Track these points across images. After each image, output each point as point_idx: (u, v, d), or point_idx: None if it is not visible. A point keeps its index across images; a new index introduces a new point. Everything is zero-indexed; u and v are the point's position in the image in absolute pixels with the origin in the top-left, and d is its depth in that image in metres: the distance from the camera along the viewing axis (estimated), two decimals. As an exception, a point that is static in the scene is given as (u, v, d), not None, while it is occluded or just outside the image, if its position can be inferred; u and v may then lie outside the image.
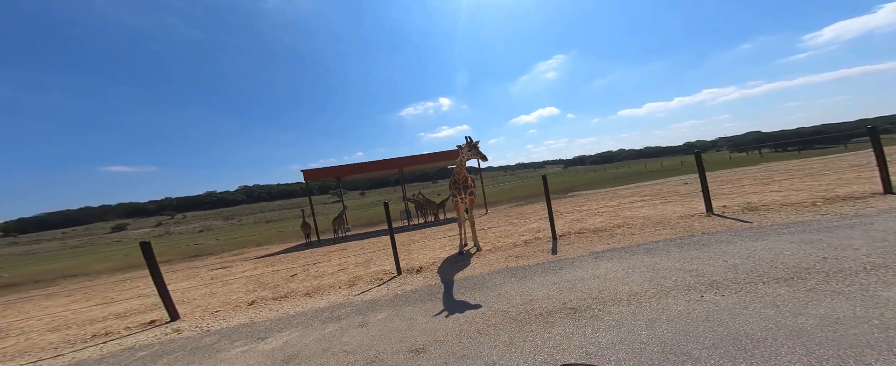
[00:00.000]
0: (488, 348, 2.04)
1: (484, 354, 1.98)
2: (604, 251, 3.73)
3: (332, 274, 5.12)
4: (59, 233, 69.49)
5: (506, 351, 1.97)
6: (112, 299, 5.60)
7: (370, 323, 2.86)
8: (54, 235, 66.73)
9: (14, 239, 65.52)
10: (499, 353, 1.97)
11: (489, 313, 2.58)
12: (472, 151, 4.65)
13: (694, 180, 12.21)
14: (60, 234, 67.70)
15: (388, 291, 3.73)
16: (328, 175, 12.95)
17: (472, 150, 4.66)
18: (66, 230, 74.06)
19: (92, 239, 55.70)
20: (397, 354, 2.19)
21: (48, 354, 3.12)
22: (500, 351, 1.98)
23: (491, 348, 2.04)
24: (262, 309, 3.70)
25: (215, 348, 2.73)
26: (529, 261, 3.94)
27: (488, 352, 2.00)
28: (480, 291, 3.15)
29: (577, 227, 5.57)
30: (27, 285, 11.51)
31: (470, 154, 4.67)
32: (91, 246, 42.09)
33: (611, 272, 3.00)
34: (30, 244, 55.41)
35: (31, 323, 4.50)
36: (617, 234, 4.51)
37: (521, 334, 2.15)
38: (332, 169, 12.73)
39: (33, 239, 62.42)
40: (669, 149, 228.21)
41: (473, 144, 4.66)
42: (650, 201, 7.58)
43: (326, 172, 12.74)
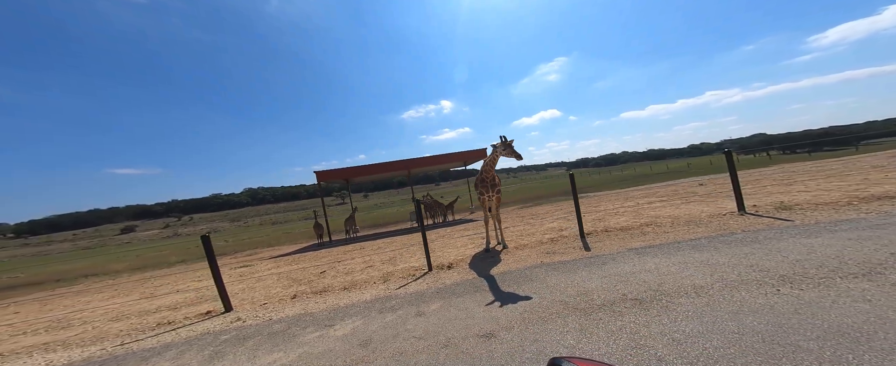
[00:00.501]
0: (560, 334, 2.12)
1: (558, 338, 2.06)
2: (643, 248, 3.78)
3: (361, 271, 5.21)
4: (70, 234, 70.64)
5: (581, 336, 2.05)
6: (151, 294, 5.75)
7: (426, 313, 2.95)
8: (65, 236, 67.87)
9: (26, 240, 66.66)
10: (574, 337, 2.04)
11: (545, 303, 2.66)
12: (506, 150, 4.73)
13: (709, 181, 12.20)
14: (71, 235, 68.84)
15: (427, 285, 3.81)
16: (340, 176, 13.14)
17: (506, 149, 4.73)
18: (77, 232, 75.23)
19: (102, 240, 56.51)
20: (467, 338, 2.28)
21: (128, 338, 3.26)
22: (575, 336, 2.06)
23: (564, 334, 2.11)
24: (307, 302, 3.80)
25: (289, 333, 2.84)
26: (564, 257, 4.01)
27: (562, 337, 2.08)
28: (526, 283, 3.22)
29: (601, 226, 5.62)
30: (49, 283, 11.77)
31: (504, 153, 4.75)
32: (102, 247, 42.73)
33: (662, 267, 3.04)
34: (41, 245, 56.34)
35: (84, 315, 4.65)
36: (648, 232, 4.56)
37: (589, 321, 2.22)
38: (344, 170, 12.92)
39: (44, 240, 63.49)
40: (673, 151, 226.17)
41: (509, 144, 4.74)
42: (670, 202, 7.61)
43: (338, 174, 12.94)
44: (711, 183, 11.22)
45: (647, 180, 21.17)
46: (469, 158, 14.45)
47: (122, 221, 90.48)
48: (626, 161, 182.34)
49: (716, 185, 10.33)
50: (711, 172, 21.29)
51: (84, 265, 17.85)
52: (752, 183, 8.67)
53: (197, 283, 6.39)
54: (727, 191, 7.89)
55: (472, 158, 14.35)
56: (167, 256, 16.48)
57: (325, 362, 2.26)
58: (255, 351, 2.55)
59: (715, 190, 8.68)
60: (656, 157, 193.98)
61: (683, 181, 15.45)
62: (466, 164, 16.03)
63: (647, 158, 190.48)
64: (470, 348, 2.13)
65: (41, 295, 8.31)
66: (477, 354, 2.05)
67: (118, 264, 15.42)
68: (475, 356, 2.02)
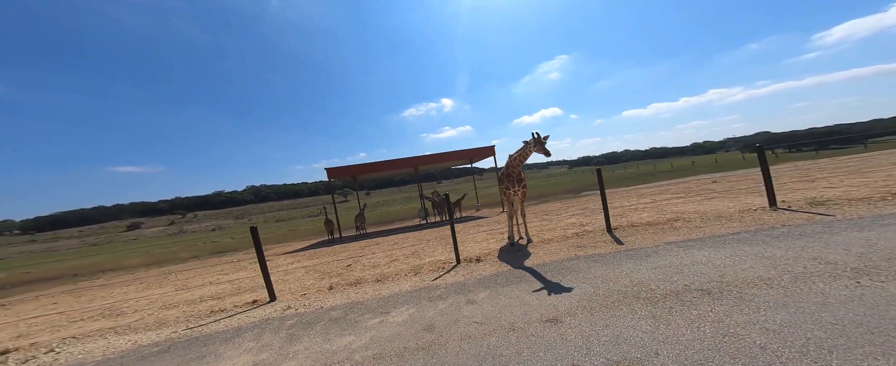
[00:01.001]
0: (632, 320, 2.16)
1: (631, 324, 2.11)
2: (682, 242, 3.81)
3: (386, 265, 5.29)
4: (76, 231, 71.36)
5: (657, 323, 2.08)
6: (184, 286, 5.85)
7: (477, 301, 3.02)
8: (72, 233, 68.58)
9: (33, 237, 67.34)
10: (649, 324, 2.09)
11: (601, 292, 2.71)
12: (537, 146, 4.78)
13: (722, 178, 12.20)
14: (77, 232, 69.57)
15: (463, 276, 3.89)
16: (350, 173, 13.26)
17: (537, 145, 4.78)
18: (83, 229, 75.99)
19: (109, 237, 57.07)
20: (532, 323, 2.35)
21: (192, 323, 3.36)
22: (649, 323, 2.10)
23: (636, 320, 2.15)
24: (347, 292, 3.89)
25: (349, 319, 2.93)
26: (597, 250, 4.06)
27: (635, 323, 2.12)
28: (569, 274, 3.28)
29: (624, 221, 5.67)
30: (66, 278, 11.94)
31: (536, 149, 4.81)
32: (109, 244, 43.18)
33: (714, 260, 3.03)
34: (48, 242, 56.95)
35: (130, 304, 4.76)
36: (678, 227, 4.59)
37: (659, 310, 2.25)
38: (354, 167, 13.04)
39: (51, 237, 64.17)
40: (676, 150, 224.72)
41: (542, 140, 4.78)
42: (688, 198, 7.63)
43: (348, 170, 13.05)
44: (725, 180, 11.22)
45: (653, 178, 21.16)
46: (475, 156, 14.54)
47: (128, 218, 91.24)
48: (628, 159, 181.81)
49: (730, 182, 10.34)
50: (718, 170, 21.27)
51: (97, 261, 18.05)
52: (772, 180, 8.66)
53: (225, 276, 6.49)
54: (747, 187, 7.91)
55: (478, 155, 14.43)
56: (178, 252, 16.64)
57: (398, 344, 2.34)
58: (326, 334, 2.65)
59: (732, 187, 8.69)
60: (659, 155, 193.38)
61: (693, 179, 15.46)
62: (472, 161, 16.10)
63: (649, 157, 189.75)
64: (539, 332, 2.20)
65: (66, 288, 8.45)
66: (548, 337, 2.12)
67: (132, 260, 15.59)
68: (548, 340, 2.09)
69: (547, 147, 4.79)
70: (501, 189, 5.30)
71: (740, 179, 11.19)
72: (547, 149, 4.80)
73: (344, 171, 13.00)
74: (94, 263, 17.16)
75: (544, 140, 4.80)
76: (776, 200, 4.83)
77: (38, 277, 13.77)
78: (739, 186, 8.57)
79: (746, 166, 22.52)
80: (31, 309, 5.82)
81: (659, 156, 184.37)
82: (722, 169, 22.61)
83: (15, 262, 29.42)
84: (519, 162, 4.98)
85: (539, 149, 4.79)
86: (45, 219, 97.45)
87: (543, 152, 4.81)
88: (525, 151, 4.86)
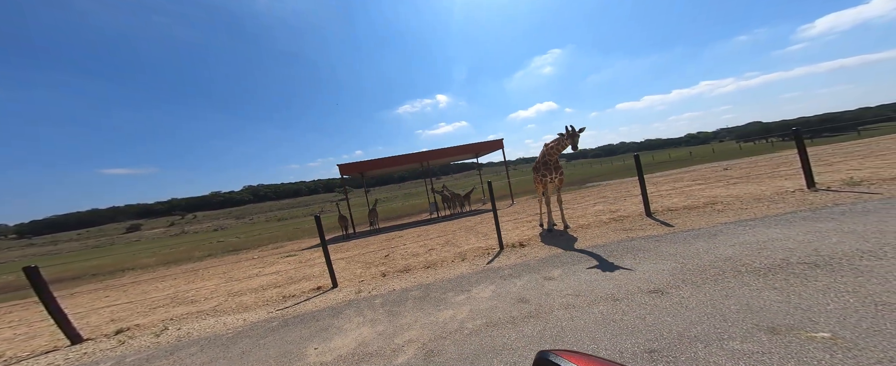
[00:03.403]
0: (751, 291, 2.13)
1: (755, 295, 2.08)
2: (739, 222, 3.82)
3: (425, 253, 5.40)
4: (75, 234, 70.47)
5: (787, 295, 2.03)
6: (230, 278, 5.95)
7: (555, 278, 3.16)
8: (70, 236, 67.71)
9: (30, 241, 66.34)
10: (778, 295, 2.04)
11: (693, 268, 2.70)
12: (571, 138, 4.91)
13: (733, 166, 12.46)
14: (76, 235, 68.69)
15: (520, 259, 3.99)
16: (361, 169, 13.38)
17: (571, 137, 4.90)
18: (82, 232, 75.02)
19: (110, 239, 56.49)
20: (634, 294, 2.44)
21: (279, 306, 3.45)
22: (777, 294, 2.07)
23: (757, 291, 2.13)
24: (405, 278, 3.98)
25: (434, 298, 3.08)
26: (649, 232, 4.17)
27: (759, 293, 2.09)
28: (638, 253, 3.36)
29: (658, 206, 5.82)
30: (86, 277, 11.96)
31: (568, 141, 4.94)
32: (112, 246, 42.79)
33: (794, 236, 3.00)
34: (47, 245, 56.18)
35: (190, 295, 4.87)
36: (721, 210, 4.70)
37: (776, 281, 2.23)
38: (364, 163, 13.16)
39: (50, 240, 63.33)
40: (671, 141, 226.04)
41: (576, 133, 4.89)
42: (710, 184, 7.82)
43: (359, 167, 13.17)
44: (737, 167, 11.47)
45: (656, 168, 21.46)
46: (481, 150, 14.73)
47: (125, 220, 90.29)
48: (624, 152, 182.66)
49: (743, 168, 10.59)
50: (717, 159, 21.61)
51: (111, 261, 17.98)
52: (786, 165, 8.91)
53: (263, 269, 6.58)
54: (766, 172, 8.13)
55: (484, 149, 14.59)
56: (189, 251, 16.64)
57: (501, 313, 2.49)
58: (421, 309, 2.79)
59: (748, 173, 8.91)
60: (654, 147, 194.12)
61: (701, 167, 15.74)
62: (478, 155, 16.29)
63: (645, 148, 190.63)
64: (649, 302, 2.26)
65: (98, 285, 8.49)
66: (664, 306, 2.17)
67: (147, 260, 15.58)
68: (665, 308, 2.13)
69: (578, 140, 4.87)
70: (537, 177, 5.46)
71: (751, 165, 11.43)
72: (576, 142, 4.89)
73: (355, 167, 13.09)
74: (108, 263, 17.11)
75: (579, 133, 4.91)
76: (814, 181, 5.00)
77: (57, 277, 13.74)
78: (756, 171, 8.79)
79: (744, 155, 22.85)
80: (90, 301, 5.88)
81: (655, 147, 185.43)
82: (720, 158, 22.97)
83: (22, 264, 28.91)
84: (556, 152, 5.13)
85: (570, 141, 4.91)
86: (40, 222, 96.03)
87: (572, 144, 4.90)
88: (562, 142, 4.99)
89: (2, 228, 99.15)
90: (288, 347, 2.39)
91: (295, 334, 2.64)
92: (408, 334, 2.34)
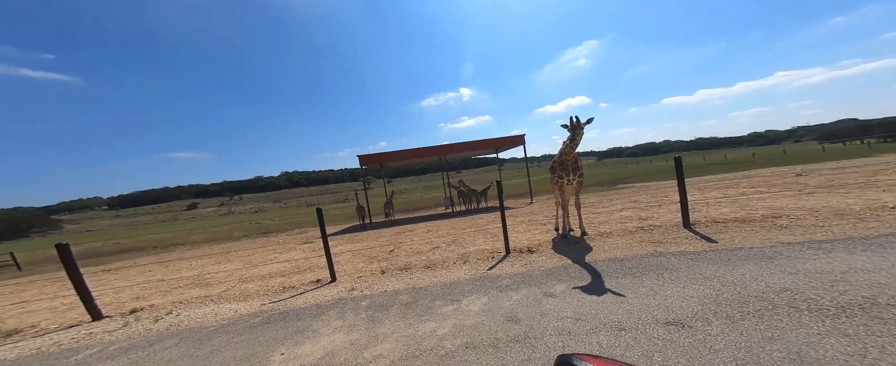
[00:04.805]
0: (808, 336, 1.70)
1: (812, 342, 1.66)
2: (809, 243, 3.11)
3: (430, 252, 5.26)
4: (150, 208, 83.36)
5: (863, 345, 1.60)
6: (249, 263, 6.38)
7: (556, 294, 2.83)
8: (147, 210, 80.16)
9: (117, 212, 79.56)
10: (845, 344, 1.62)
11: (732, 298, 2.25)
12: (571, 130, 4.34)
13: (811, 171, 10.45)
14: (150, 209, 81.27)
15: (524, 267, 3.69)
16: (379, 160, 13.57)
17: (572, 129, 4.33)
18: (155, 206, 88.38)
19: (174, 215, 65.78)
20: (646, 325, 2.07)
21: (275, 297, 3.56)
22: (844, 342, 1.63)
23: (817, 337, 1.69)
24: (402, 277, 3.88)
25: (422, 305, 2.93)
26: (684, 247, 3.60)
27: (819, 341, 1.66)
28: (664, 273, 2.91)
29: (700, 216, 5.04)
30: (148, 249, 13.85)
31: (571, 133, 4.38)
32: (175, 221, 49.74)
33: (887, 267, 2.38)
34: (129, 217, 67.15)
35: (212, 277, 5.32)
36: (786, 225, 3.90)
37: (847, 326, 1.76)
38: (383, 155, 13.28)
39: (131, 213, 75.52)
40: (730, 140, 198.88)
41: (578, 124, 4.32)
42: (776, 193, 6.60)
43: (378, 158, 13.34)
44: (816, 173, 9.61)
45: (705, 171, 18.95)
46: (502, 145, 14.09)
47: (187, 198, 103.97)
48: (668, 151, 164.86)
49: (824, 175, 8.83)
50: (789, 162, 18.40)
51: (170, 236, 20.68)
52: (887, 172, 7.21)
53: (280, 255, 6.96)
54: (857, 181, 6.64)
55: (505, 145, 13.93)
56: (231, 231, 18.42)
57: (486, 334, 2.24)
58: (404, 318, 2.64)
59: (832, 180, 7.38)
60: (707, 146, 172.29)
61: (764, 172, 13.53)
62: (498, 151, 15.70)
63: (696, 148, 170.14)
64: (663, 336, 1.90)
65: (154, 259, 9.70)
66: (682, 343, 1.79)
67: (196, 237, 17.62)
68: (683, 346, 1.76)
69: (574, 133, 4.28)
70: (553, 178, 4.94)
71: (836, 171, 9.49)
72: (577, 135, 4.28)
73: (374, 158, 13.32)
74: (167, 237, 19.72)
75: (583, 124, 4.31)
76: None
77: (127, 247, 16.19)
78: (842, 179, 7.24)
79: (828, 158, 19.21)
80: (135, 275, 6.75)
81: (707, 147, 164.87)
82: (794, 161, 19.48)
83: (108, 234, 35.04)
84: (570, 149, 4.55)
85: (570, 133, 4.33)
86: (126, 197, 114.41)
87: (571, 137, 4.31)
88: (573, 137, 4.38)
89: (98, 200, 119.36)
90: (257, 348, 2.37)
91: (271, 333, 2.63)
92: (380, 347, 2.20)
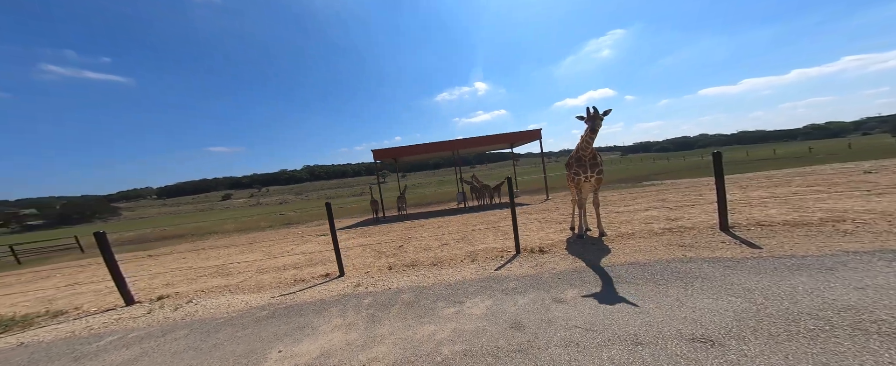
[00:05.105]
0: (867, 363, 1.47)
1: None
2: (881, 252, 2.66)
3: (438, 248, 5.19)
4: (191, 199, 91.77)
5: None
6: (268, 254, 6.70)
7: (566, 300, 2.63)
8: (188, 200, 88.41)
9: (164, 202, 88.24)
10: None
11: (776, 313, 1.96)
12: (589, 122, 4.01)
13: (883, 168, 9.05)
14: (191, 199, 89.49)
15: (534, 269, 3.51)
16: (393, 155, 13.60)
17: (590, 120, 4.00)
18: (195, 197, 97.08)
19: (210, 205, 71.85)
20: (668, 340, 1.84)
21: (284, 290, 3.68)
22: None
23: (875, 362, 1.47)
24: (408, 274, 3.85)
25: (423, 305, 2.87)
26: (718, 253, 3.22)
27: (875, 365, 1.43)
28: (692, 282, 2.61)
29: (741, 218, 4.50)
30: (187, 236, 15.13)
31: (588, 126, 4.04)
32: (212, 211, 54.25)
33: None
34: (174, 206, 74.43)
35: (234, 267, 5.66)
36: (850, 231, 3.35)
37: None
38: (397, 149, 13.29)
39: (174, 202, 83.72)
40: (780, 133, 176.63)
41: (596, 115, 3.99)
42: (837, 193, 5.76)
43: (392, 152, 13.37)
44: (890, 171, 8.29)
45: (750, 167, 17.11)
46: (517, 140, 13.56)
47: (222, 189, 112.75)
48: (705, 145, 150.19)
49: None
50: (855, 158, 16.07)
51: (206, 225, 22.45)
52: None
53: (297, 247, 7.23)
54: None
55: (520, 139, 13.42)
56: (258, 221, 19.57)
57: (486, 341, 2.12)
58: (404, 319, 2.60)
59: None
60: (753, 140, 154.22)
61: (824, 168, 11.95)
62: (513, 146, 15.19)
63: (738, 142, 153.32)
64: (688, 354, 1.69)
65: (190, 246, 10.54)
66: (712, 364, 1.59)
67: (228, 226, 18.97)
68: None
69: (594, 124, 3.94)
70: (569, 175, 4.62)
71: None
72: (596, 126, 3.94)
73: (388, 153, 13.39)
74: (204, 226, 21.46)
75: (602, 116, 3.96)
76: None
77: (171, 234, 17.86)
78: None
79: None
80: (170, 261, 7.37)
81: (753, 141, 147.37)
82: (861, 157, 16.91)
83: (156, 221, 39.00)
84: (586, 144, 4.20)
85: (588, 125, 4.01)
86: (171, 187, 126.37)
87: (591, 129, 3.97)
88: (592, 128, 4.04)
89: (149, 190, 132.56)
90: (257, 344, 2.41)
91: (273, 329, 2.68)
92: (376, 349, 2.16)
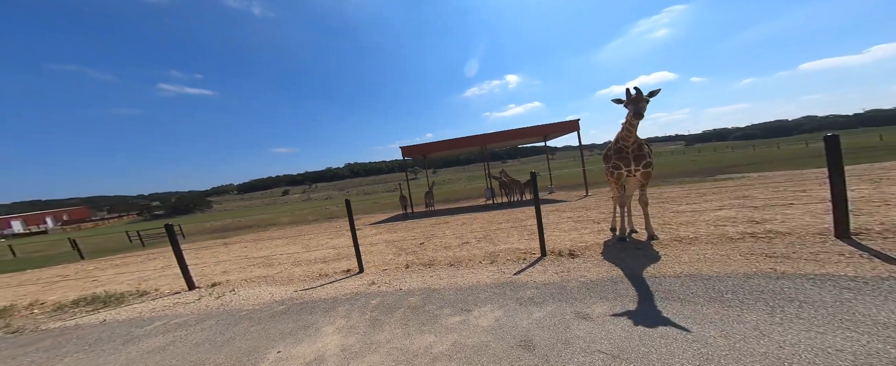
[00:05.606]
0: None
1: None
2: None
3: (458, 247, 4.99)
4: (260, 194, 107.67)
5: None
6: (306, 246, 7.27)
7: (592, 317, 2.23)
8: (258, 195, 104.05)
9: (242, 196, 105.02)
10: None
11: None
12: (631, 105, 3.39)
13: None
14: (260, 194, 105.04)
15: (558, 275, 3.09)
16: (421, 151, 13.55)
17: (632, 103, 3.38)
18: (264, 192, 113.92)
19: (274, 200, 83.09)
20: None
21: (307, 285, 3.91)
22: None
23: None
24: (422, 274, 3.75)
25: (428, 311, 2.74)
26: (828, 268, 2.43)
27: None
28: (784, 305, 1.98)
29: (867, 221, 3.37)
30: (253, 227, 17.53)
31: (631, 110, 3.39)
32: (274, 205, 62.77)
33: None
34: (248, 201, 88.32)
35: (277, 257, 6.34)
36: None
37: None
38: (425, 146, 13.20)
39: (249, 197, 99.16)
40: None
41: (642, 97, 3.35)
42: None
43: (420, 149, 13.33)
44: None
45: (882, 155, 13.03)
46: (551, 132, 12.35)
47: (283, 186, 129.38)
48: (811, 130, 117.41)
49: None
50: None
51: (268, 217, 25.84)
52: None
53: (331, 240, 7.72)
54: None
55: (554, 131, 12.22)
56: (306, 215, 21.73)
57: (487, 361, 1.89)
58: (405, 326, 2.50)
59: None
60: (886, 121, 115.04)
61: None
62: (547, 139, 13.90)
63: (866, 123, 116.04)
64: None
65: (253, 236, 12.14)
66: None
67: (283, 219, 21.52)
68: None
69: (637, 108, 3.28)
70: (608, 168, 3.94)
71: None
72: (640, 110, 3.28)
73: (416, 149, 13.44)
74: (267, 218, 24.74)
75: (647, 97, 3.29)
76: None
77: (244, 225, 21.03)
78: None
79: None
80: (235, 250, 8.52)
81: (882, 122, 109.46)
82: None
83: (235, 214, 46.89)
84: (628, 132, 3.49)
85: (631, 109, 3.35)
86: (249, 184, 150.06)
87: (635, 113, 3.31)
88: (636, 112, 3.35)
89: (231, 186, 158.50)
90: (261, 342, 2.49)
91: (282, 326, 2.76)
92: (369, 358, 2.07)
